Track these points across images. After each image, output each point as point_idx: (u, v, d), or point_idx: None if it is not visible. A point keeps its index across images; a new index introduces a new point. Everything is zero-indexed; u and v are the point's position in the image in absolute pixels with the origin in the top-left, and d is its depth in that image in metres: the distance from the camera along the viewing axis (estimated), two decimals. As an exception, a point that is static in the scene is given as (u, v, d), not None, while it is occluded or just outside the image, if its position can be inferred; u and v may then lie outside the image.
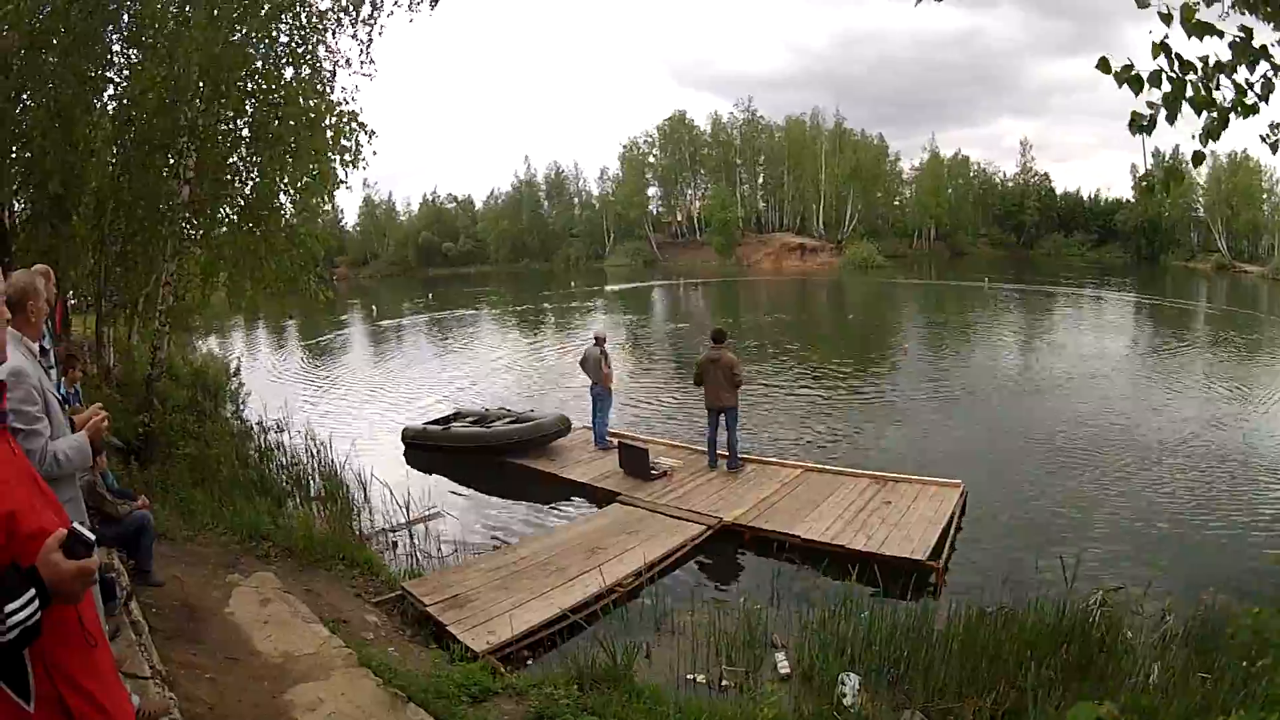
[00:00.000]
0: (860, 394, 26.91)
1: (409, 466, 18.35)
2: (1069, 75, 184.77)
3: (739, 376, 16.57)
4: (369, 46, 15.73)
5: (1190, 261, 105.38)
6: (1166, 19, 3.28)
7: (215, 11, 14.08)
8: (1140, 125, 3.55)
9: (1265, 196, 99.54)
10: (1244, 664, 7.43)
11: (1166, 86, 3.47)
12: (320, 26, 15.42)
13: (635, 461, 16.64)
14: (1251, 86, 3.47)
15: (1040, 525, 14.90)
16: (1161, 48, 3.39)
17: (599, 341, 19.12)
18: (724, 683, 9.11)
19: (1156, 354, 37.42)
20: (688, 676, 9.19)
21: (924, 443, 20.71)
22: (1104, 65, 3.42)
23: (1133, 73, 3.45)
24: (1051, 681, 8.33)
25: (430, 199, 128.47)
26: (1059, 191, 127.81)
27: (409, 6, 16.04)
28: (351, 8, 15.48)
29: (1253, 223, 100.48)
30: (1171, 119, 3.47)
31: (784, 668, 9.38)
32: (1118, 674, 8.72)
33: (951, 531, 13.83)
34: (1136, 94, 3.48)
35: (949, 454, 19.40)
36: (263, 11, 14.82)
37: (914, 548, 12.65)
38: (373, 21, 15.69)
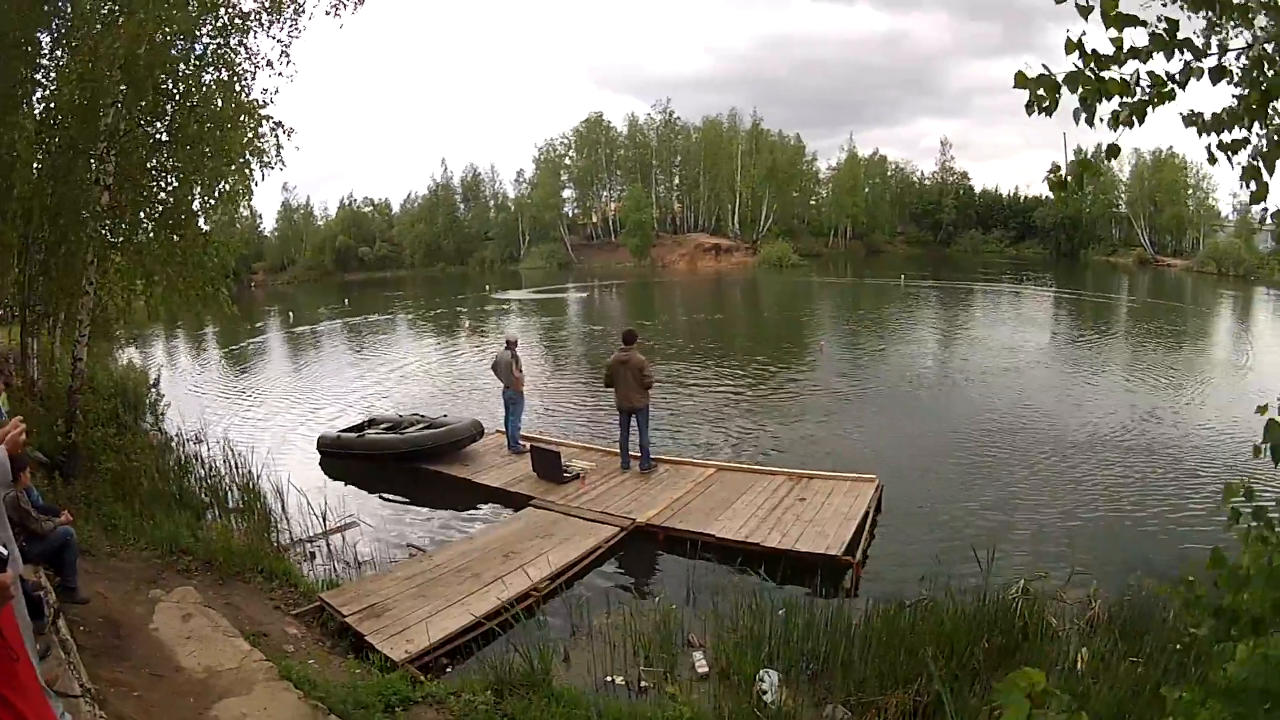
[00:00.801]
0: (775, 392, 27.08)
1: (325, 475, 18.13)
2: (993, 76, 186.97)
3: (649, 377, 16.72)
4: (289, 47, 15.63)
5: (1112, 256, 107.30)
6: (1085, 11, 3.27)
7: (142, 13, 13.95)
8: (1039, 106, 3.42)
9: (1190, 192, 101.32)
10: (1178, 647, 7.83)
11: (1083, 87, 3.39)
12: (242, 27, 15.31)
13: (548, 464, 16.71)
14: (1172, 76, 3.44)
15: (958, 518, 15.14)
16: (1076, 45, 3.32)
17: (510, 345, 19.12)
18: (643, 684, 9.20)
19: (1075, 346, 38.26)
20: (606, 679, 9.26)
21: (840, 439, 20.94)
22: (1021, 80, 3.39)
23: (1049, 78, 3.37)
24: (975, 671, 8.47)
25: (347, 203, 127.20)
26: (978, 190, 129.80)
27: (334, 11, 16.04)
28: (274, 7, 15.38)
29: (1176, 218, 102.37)
30: (1090, 120, 3.41)
31: (702, 667, 9.46)
32: (1043, 661, 8.74)
33: (867, 527, 14.00)
34: (1053, 99, 3.40)
35: (865, 450, 19.64)
36: (190, 11, 14.71)
37: (829, 544, 12.76)
38: (296, 20, 15.61)
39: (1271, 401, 3.26)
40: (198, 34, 14.96)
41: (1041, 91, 3.36)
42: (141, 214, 15.97)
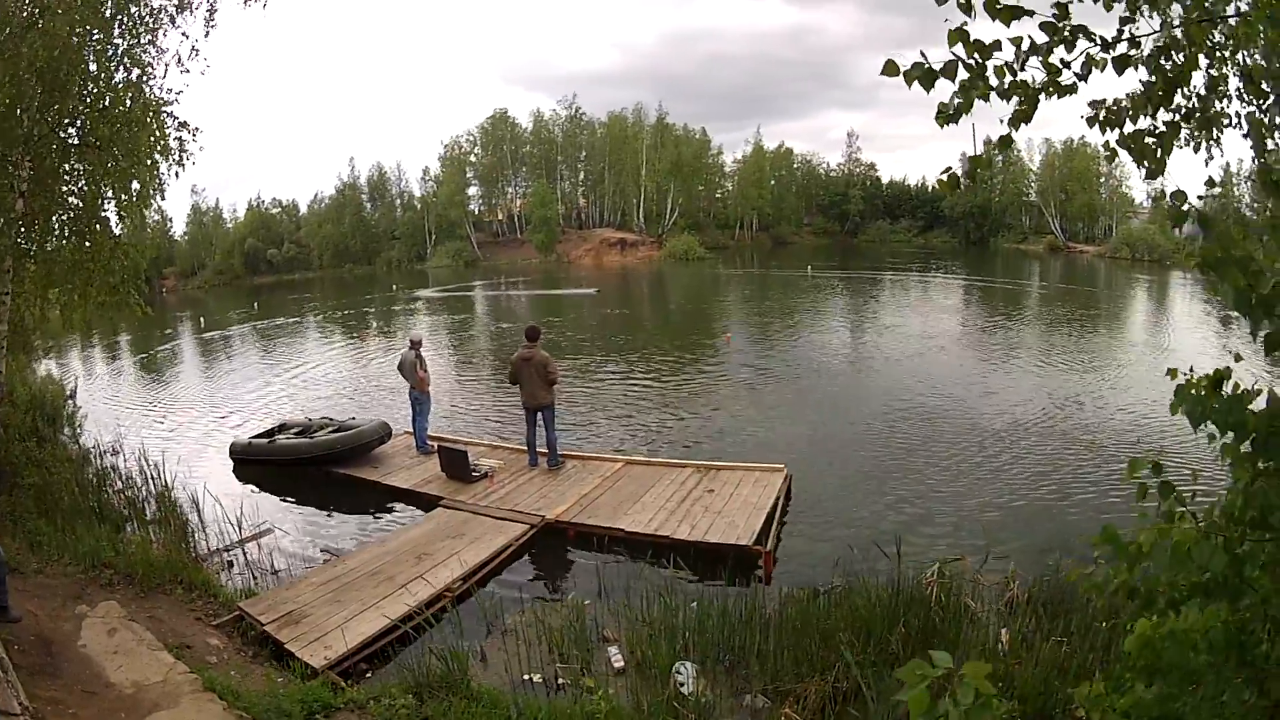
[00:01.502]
0: (682, 385, 27.18)
1: (239, 482, 18.09)
2: (903, 68, 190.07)
3: (553, 374, 16.80)
4: (203, 40, 15.40)
5: (1022, 244, 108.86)
6: (966, 8, 3.26)
7: (60, 11, 13.75)
8: (947, 116, 3.54)
9: (1102, 180, 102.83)
10: (1104, 625, 8.02)
11: (965, 75, 3.43)
12: (153, 25, 15.11)
13: (455, 464, 16.76)
14: (1068, 65, 3.47)
15: (870, 506, 15.41)
16: (960, 35, 3.33)
17: (414, 345, 19.15)
18: (560, 681, 9.30)
19: (986, 333, 38.84)
20: (524, 677, 9.34)
21: (748, 430, 21.16)
22: (891, 68, 3.39)
23: (925, 69, 3.38)
24: (894, 656, 8.56)
25: (256, 204, 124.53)
26: (885, 180, 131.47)
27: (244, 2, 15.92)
28: (184, 3, 15.19)
29: (1089, 205, 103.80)
30: (966, 109, 3.46)
31: (618, 661, 9.60)
32: (964, 643, 8.95)
33: (777, 516, 14.18)
34: (928, 90, 3.44)
35: (774, 440, 19.94)
36: (105, 11, 14.51)
37: (739, 534, 12.99)
38: (210, 16, 15.41)
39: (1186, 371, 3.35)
40: (112, 32, 14.80)
41: (919, 81, 3.40)
42: (53, 220, 15.77)
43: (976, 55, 3.35)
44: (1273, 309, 2.81)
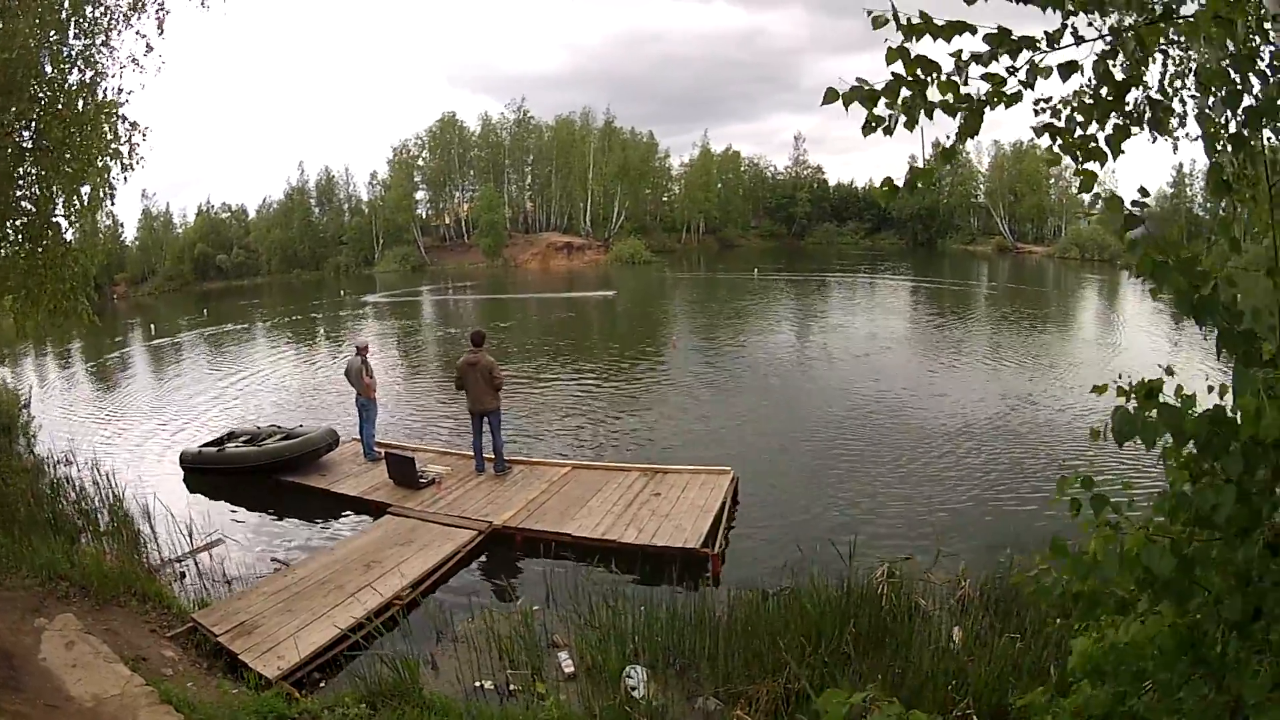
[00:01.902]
0: (629, 389, 27.41)
1: (190, 491, 18.02)
2: (850, 71, 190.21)
3: (498, 379, 16.91)
4: (156, 38, 15.29)
5: (970, 245, 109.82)
6: (909, 31, 3.22)
7: (20, 12, 13.63)
8: (884, 128, 3.46)
9: (1051, 182, 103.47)
10: (1056, 622, 7.89)
11: (907, 92, 3.38)
12: (107, 25, 14.99)
13: (402, 471, 16.79)
14: (1015, 72, 3.43)
15: (818, 508, 15.60)
16: (900, 52, 3.29)
17: (361, 351, 19.14)
18: (511, 687, 9.37)
19: (934, 333, 39.50)
20: (475, 684, 9.44)
21: (695, 433, 21.30)
22: (831, 95, 3.36)
23: (866, 90, 3.33)
24: (846, 656, 8.71)
25: (205, 209, 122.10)
26: (833, 183, 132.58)
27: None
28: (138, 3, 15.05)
29: (1038, 206, 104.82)
30: (911, 126, 3.39)
31: (568, 667, 9.69)
32: (916, 642, 9.05)
33: (724, 519, 14.38)
34: (870, 110, 3.37)
35: (721, 442, 20.11)
36: (62, 12, 14.42)
37: (686, 537, 13.19)
38: (161, 16, 15.29)
39: (1129, 379, 3.35)
40: (68, 33, 14.71)
41: (860, 104, 3.36)
42: (6, 225, 15.65)
43: (919, 71, 3.34)
44: (1215, 311, 2.86)
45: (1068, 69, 3.47)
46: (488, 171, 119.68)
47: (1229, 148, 3.32)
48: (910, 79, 3.33)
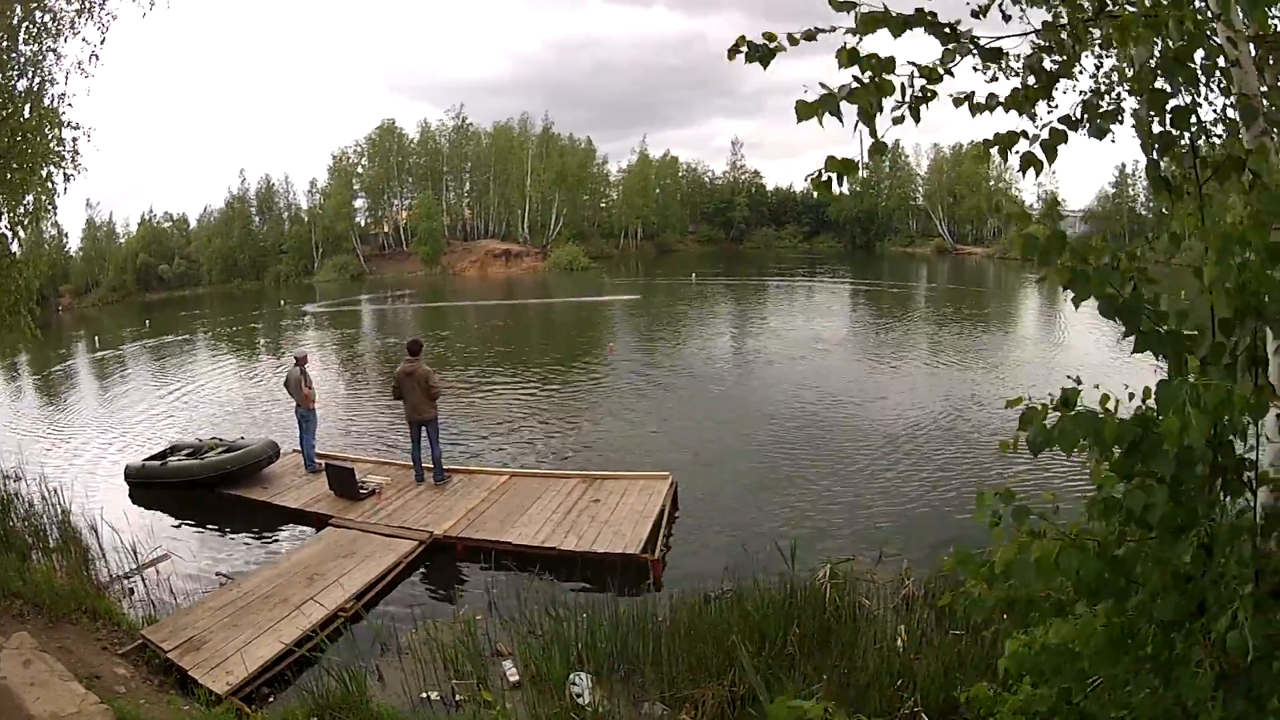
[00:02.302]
0: (567, 395, 27.53)
1: (135, 506, 17.84)
2: (788, 76, 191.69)
3: (435, 388, 16.86)
4: (99, 45, 15.17)
5: (910, 247, 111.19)
6: (867, 21, 3.23)
7: None
8: (813, 110, 3.38)
9: (991, 184, 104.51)
10: (1005, 616, 8.32)
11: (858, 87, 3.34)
12: (55, 30, 14.89)
13: (342, 482, 16.80)
14: (950, 72, 3.45)
15: (759, 511, 15.74)
16: (850, 54, 3.32)
17: (300, 362, 19.13)
18: (457, 698, 9.41)
19: (874, 335, 40.07)
20: (421, 695, 9.48)
21: (633, 439, 21.51)
22: (804, 110, 3.34)
23: (830, 95, 3.32)
24: (791, 658, 8.86)
25: (147, 219, 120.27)
26: (770, 187, 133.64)
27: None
28: (86, 7, 14.93)
29: (977, 208, 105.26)
30: (871, 128, 3.37)
31: (513, 675, 9.74)
32: (861, 641, 9.22)
33: (664, 524, 14.44)
34: (839, 117, 3.36)
35: (660, 448, 20.32)
36: (13, 19, 14.29)
37: (626, 543, 13.32)
38: (105, 22, 15.17)
39: (1056, 385, 3.32)
40: (18, 38, 14.62)
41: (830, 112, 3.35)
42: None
43: (870, 72, 3.36)
44: (1136, 315, 2.95)
45: (993, 54, 3.56)
46: (426, 179, 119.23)
47: (1155, 147, 3.40)
48: (872, 81, 3.37)
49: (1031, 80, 3.75)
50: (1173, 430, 2.74)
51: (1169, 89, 3.34)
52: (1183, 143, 3.27)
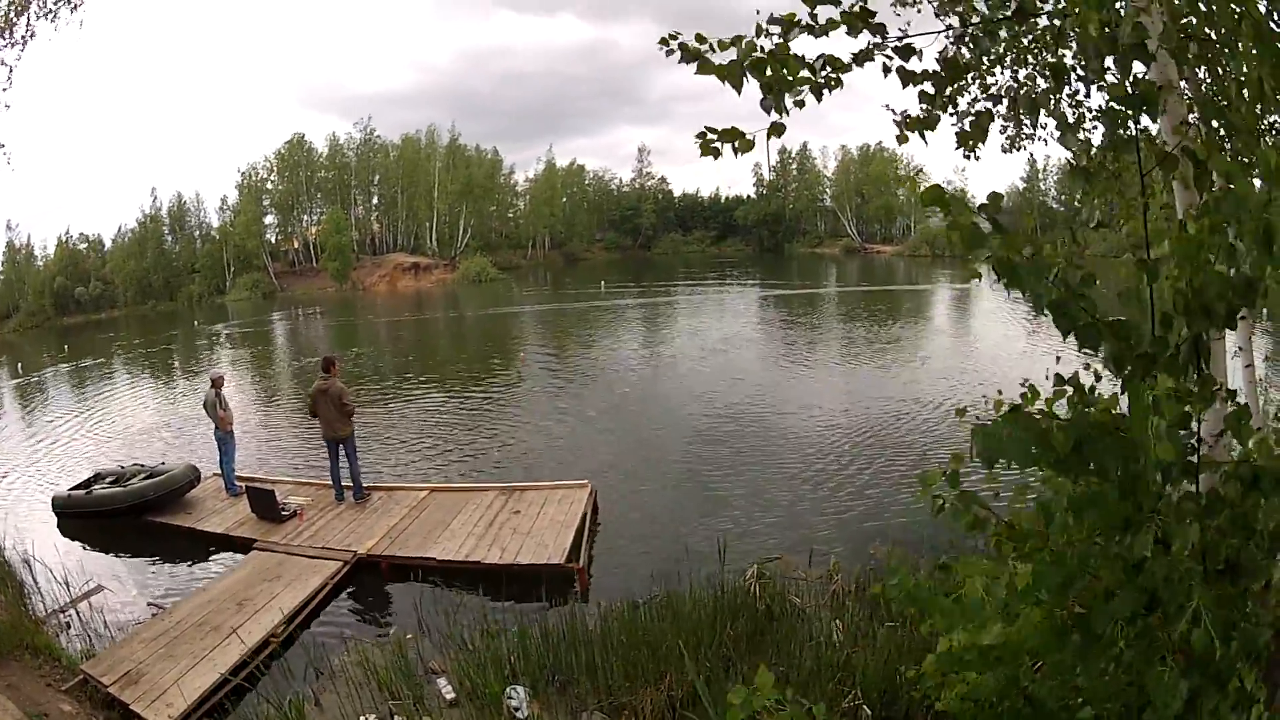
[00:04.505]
0: (482, 408, 27.63)
1: (64, 537, 17.54)
2: (694, 83, 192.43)
3: (349, 405, 16.76)
4: (16, 63, 15.07)
5: (818, 247, 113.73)
6: (795, 26, 3.29)
7: None
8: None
9: (901, 182, 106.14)
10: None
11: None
12: None
13: (263, 504, 16.63)
14: (861, 64, 3.49)
15: (680, 515, 15.99)
16: (770, 58, 3.32)
17: (216, 384, 18.62)
18: (395, 719, 9.33)
19: (785, 338, 40.22)
20: (360, 718, 9.37)
21: (550, 449, 21.64)
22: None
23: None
24: (727, 659, 8.95)
25: (64, 240, 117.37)
26: (678, 193, 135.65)
27: (51, 18, 15.64)
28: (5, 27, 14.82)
29: (886, 207, 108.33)
30: (779, 109, 3.42)
31: (449, 693, 9.69)
32: (797, 638, 9.36)
33: (586, 532, 14.62)
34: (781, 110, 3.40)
35: (577, 456, 20.49)
36: None
37: (550, 553, 13.47)
38: (25, 41, 15.07)
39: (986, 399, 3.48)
40: None
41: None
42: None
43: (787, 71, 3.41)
44: (1067, 310, 2.89)
45: (905, 52, 3.62)
46: (335, 193, 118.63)
47: (1086, 131, 3.49)
48: (774, 55, 3.40)
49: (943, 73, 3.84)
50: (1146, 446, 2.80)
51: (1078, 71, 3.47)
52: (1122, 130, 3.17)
